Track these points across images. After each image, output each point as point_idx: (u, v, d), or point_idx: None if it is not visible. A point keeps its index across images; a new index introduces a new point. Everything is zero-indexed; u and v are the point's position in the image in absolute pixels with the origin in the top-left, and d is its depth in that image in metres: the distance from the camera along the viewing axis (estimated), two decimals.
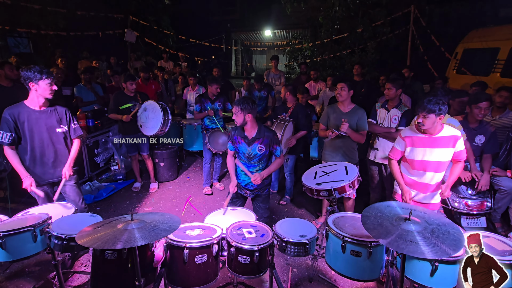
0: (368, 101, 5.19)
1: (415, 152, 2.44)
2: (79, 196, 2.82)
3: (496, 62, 4.99)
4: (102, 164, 4.77)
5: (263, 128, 2.60)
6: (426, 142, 2.38)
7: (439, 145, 2.35)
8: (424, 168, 2.43)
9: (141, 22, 8.84)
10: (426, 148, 2.38)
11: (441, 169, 2.41)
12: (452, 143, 2.32)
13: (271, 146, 2.58)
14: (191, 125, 5.14)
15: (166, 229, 1.52)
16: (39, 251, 1.99)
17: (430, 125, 2.29)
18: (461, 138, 2.33)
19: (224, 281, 2.57)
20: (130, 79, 4.00)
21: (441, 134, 2.35)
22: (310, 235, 1.96)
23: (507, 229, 3.16)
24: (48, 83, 2.43)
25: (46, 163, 2.59)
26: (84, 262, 2.86)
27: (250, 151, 2.59)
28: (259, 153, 2.58)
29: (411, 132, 2.47)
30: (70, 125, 2.69)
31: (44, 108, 2.54)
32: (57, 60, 5.64)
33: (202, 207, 4.01)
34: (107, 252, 1.73)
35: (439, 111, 2.23)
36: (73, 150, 2.74)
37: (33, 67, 2.39)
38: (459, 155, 2.37)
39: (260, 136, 2.56)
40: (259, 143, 2.56)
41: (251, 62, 23.22)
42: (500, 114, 3.40)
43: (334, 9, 8.03)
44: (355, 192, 3.15)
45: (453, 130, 2.36)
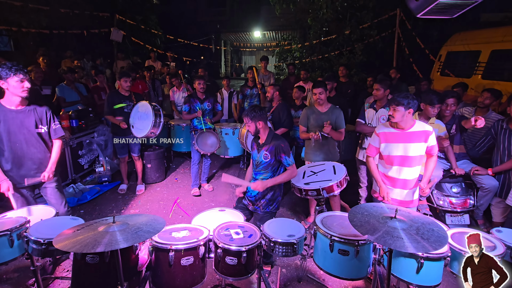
0: (356, 102, 5.27)
1: (389, 148, 2.47)
2: (61, 200, 2.70)
3: (478, 64, 5.15)
4: (86, 166, 4.63)
5: (272, 135, 2.50)
6: (399, 137, 2.43)
7: (411, 140, 2.40)
8: (400, 163, 2.46)
9: (128, 21, 8.67)
10: (399, 143, 2.43)
11: (416, 164, 2.45)
12: (424, 138, 2.38)
13: (277, 155, 2.42)
14: (179, 126, 5.07)
15: (150, 231, 1.47)
16: (16, 256, 1.91)
17: (400, 118, 2.34)
18: (432, 133, 2.39)
19: (212, 283, 2.52)
20: (124, 76, 3.90)
21: (413, 129, 2.40)
22: (298, 234, 1.95)
23: (489, 226, 3.25)
24: (18, 80, 2.28)
25: (24, 165, 2.48)
26: (66, 267, 2.75)
27: (258, 158, 2.52)
28: (264, 160, 2.47)
29: (385, 128, 2.51)
30: (50, 125, 2.57)
31: (21, 107, 2.42)
32: (38, 59, 5.45)
33: (190, 209, 3.95)
34: (89, 256, 1.66)
35: (408, 104, 2.29)
36: (54, 152, 2.62)
37: (3, 64, 2.26)
38: (431, 149, 2.43)
39: (267, 143, 2.47)
40: (265, 150, 2.47)
41: (241, 63, 23.22)
42: (483, 115, 3.50)
43: (322, 11, 8.12)
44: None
45: (425, 125, 2.42)
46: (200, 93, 4.08)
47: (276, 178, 2.45)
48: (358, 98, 5.29)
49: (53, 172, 2.56)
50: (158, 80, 6.56)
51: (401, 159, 2.44)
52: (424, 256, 1.76)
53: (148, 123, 3.60)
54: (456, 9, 2.65)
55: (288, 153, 2.43)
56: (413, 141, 2.39)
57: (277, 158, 2.44)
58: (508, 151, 2.99)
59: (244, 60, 24.10)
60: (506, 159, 3.01)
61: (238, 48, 21.14)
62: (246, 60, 24.02)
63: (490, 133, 3.18)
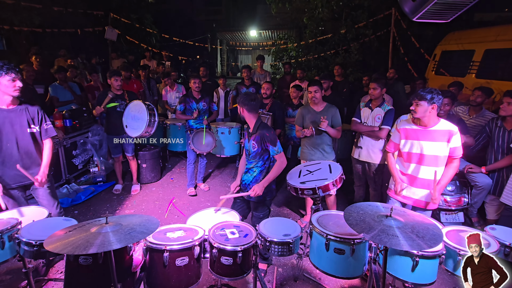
0: (352, 101, 5.29)
1: (408, 145, 2.43)
2: (53, 201, 2.65)
3: (472, 63, 5.20)
4: (80, 166, 4.58)
5: (259, 124, 2.49)
6: (420, 134, 2.37)
7: (433, 138, 2.32)
8: (418, 161, 2.40)
9: (123, 20, 8.58)
10: (420, 140, 2.36)
11: (435, 164, 2.36)
12: (447, 138, 2.29)
13: (263, 144, 2.44)
14: (175, 125, 5.03)
15: (144, 231, 1.45)
16: (7, 258, 1.87)
17: (422, 113, 2.27)
18: (457, 133, 2.29)
19: (208, 283, 2.51)
20: (115, 75, 3.86)
21: (436, 127, 2.32)
22: (294, 234, 1.94)
23: (483, 224, 3.28)
24: (10, 79, 2.25)
25: (13, 166, 2.40)
26: (60, 269, 2.72)
27: (249, 147, 2.56)
28: (253, 150, 2.51)
29: (406, 124, 2.45)
30: (42, 125, 2.52)
31: (13, 106, 2.38)
32: (31, 58, 5.37)
33: (186, 209, 3.93)
34: (82, 258, 1.63)
35: (431, 99, 2.22)
36: (46, 154, 2.54)
37: None
38: (454, 151, 2.31)
39: (254, 132, 2.49)
40: (252, 139, 2.50)
41: (237, 62, 23.18)
42: (476, 113, 3.54)
43: (318, 10, 8.12)
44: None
45: (450, 125, 2.33)
46: (196, 92, 4.05)
47: (269, 176, 2.45)
48: (353, 97, 5.30)
49: (46, 176, 2.48)
50: (153, 79, 6.51)
51: (420, 157, 2.38)
52: (419, 254, 1.77)
53: (143, 123, 3.55)
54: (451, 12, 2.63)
55: (274, 142, 2.41)
56: (434, 140, 2.31)
57: (264, 147, 2.46)
58: (502, 149, 3.02)
59: (240, 59, 24.05)
60: (500, 157, 3.04)
61: (234, 47, 21.10)
62: (242, 59, 23.98)
63: (484, 131, 3.20)
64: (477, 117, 3.52)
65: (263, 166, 2.55)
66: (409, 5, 2.72)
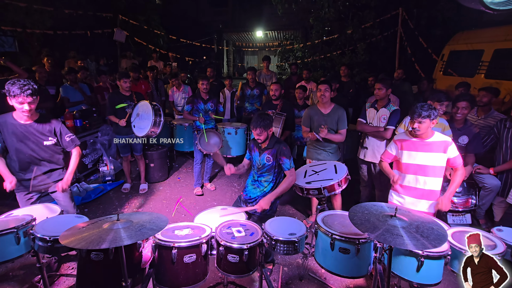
0: (357, 101, 5.28)
1: (406, 156, 2.47)
2: (71, 202, 2.73)
3: (481, 63, 5.13)
4: (90, 165, 4.68)
5: (275, 139, 2.55)
6: (417, 146, 2.41)
7: (430, 149, 2.37)
8: (415, 172, 2.44)
9: (131, 22, 8.73)
10: (417, 152, 2.41)
11: (433, 174, 2.40)
12: (443, 149, 2.34)
13: (277, 157, 2.48)
14: (181, 126, 5.10)
15: (153, 228, 1.50)
16: (22, 253, 1.94)
17: (425, 130, 2.32)
18: (452, 144, 2.35)
19: (214, 281, 2.55)
20: (124, 77, 3.95)
21: (432, 139, 2.38)
22: (299, 233, 1.97)
23: (490, 226, 3.24)
24: (18, 102, 2.21)
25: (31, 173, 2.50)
26: (71, 265, 2.80)
27: (260, 161, 2.57)
28: (267, 163, 2.53)
29: (404, 136, 2.51)
30: (62, 138, 2.56)
31: (30, 121, 2.40)
32: (43, 59, 5.51)
33: (193, 208, 3.98)
34: (93, 253, 1.69)
35: (434, 115, 2.28)
36: (72, 162, 2.61)
37: (15, 81, 2.19)
38: (455, 161, 2.37)
39: (270, 147, 2.51)
40: (267, 153, 2.52)
41: (243, 62, 23.25)
42: (485, 114, 3.50)
43: (324, 10, 8.12)
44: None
45: (443, 136, 2.40)
46: (204, 93, 4.11)
47: (276, 190, 2.45)
48: (360, 98, 5.29)
49: (69, 184, 2.56)
50: (161, 80, 6.60)
51: (417, 168, 2.43)
52: (425, 254, 1.78)
53: (148, 122, 3.65)
54: None
55: (289, 156, 2.47)
56: (431, 151, 2.37)
57: (278, 161, 2.49)
58: (511, 151, 2.98)
59: (246, 60, 24.12)
60: (508, 158, 3.01)
61: (240, 48, 21.18)
62: (248, 60, 24.04)
63: (493, 132, 3.17)
64: (486, 118, 3.48)
65: (273, 181, 2.58)
66: None
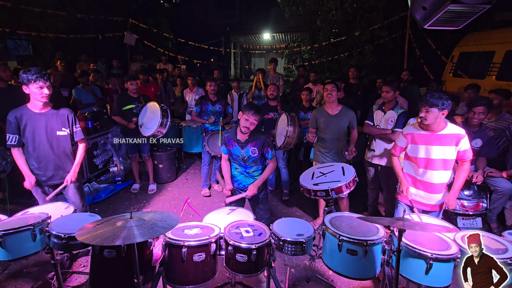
0: (366, 104, 5.26)
1: (416, 149, 2.41)
2: (81, 199, 2.83)
3: (492, 65, 5.05)
4: (101, 166, 4.78)
5: (256, 131, 2.61)
6: (427, 139, 2.34)
7: (441, 142, 2.29)
8: (426, 166, 2.38)
9: (141, 25, 8.90)
10: (427, 145, 2.34)
11: (443, 168, 2.34)
12: (455, 141, 2.26)
13: (263, 149, 2.61)
14: (190, 127, 5.16)
15: (165, 226, 1.53)
16: (38, 250, 2.00)
17: (433, 120, 2.23)
18: (465, 137, 2.26)
19: (222, 281, 2.58)
20: (131, 79, 4.07)
21: (444, 131, 2.29)
22: (307, 234, 1.98)
23: (502, 230, 3.18)
24: (38, 86, 2.36)
25: (47, 165, 2.61)
26: (83, 263, 2.87)
27: (244, 154, 2.62)
28: (253, 155, 2.61)
29: (413, 129, 2.44)
30: (72, 128, 2.68)
31: (45, 110, 2.54)
32: (56, 62, 5.67)
33: (201, 209, 4.03)
34: (106, 251, 1.74)
35: (442, 105, 2.18)
36: (78, 155, 2.74)
37: (27, 70, 2.35)
38: (464, 154, 2.29)
39: (253, 139, 2.59)
40: (252, 145, 2.59)
41: (250, 65, 23.34)
42: (496, 116, 3.45)
43: (332, 12, 8.11)
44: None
45: (457, 128, 2.30)
46: (212, 95, 4.17)
47: (263, 176, 2.68)
48: (368, 100, 5.27)
49: (76, 176, 2.66)
50: (170, 82, 6.71)
51: (427, 162, 2.36)
52: (433, 257, 1.76)
53: (156, 122, 3.74)
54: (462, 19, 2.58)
55: (272, 146, 2.66)
56: (442, 144, 2.28)
57: (262, 151, 2.63)
58: None
59: (254, 62, 24.19)
60: None
61: (247, 50, 21.28)
62: (256, 62, 24.10)
63: (505, 135, 3.12)
64: (497, 121, 3.43)
65: (261, 169, 2.73)
66: (420, 13, 2.69)
